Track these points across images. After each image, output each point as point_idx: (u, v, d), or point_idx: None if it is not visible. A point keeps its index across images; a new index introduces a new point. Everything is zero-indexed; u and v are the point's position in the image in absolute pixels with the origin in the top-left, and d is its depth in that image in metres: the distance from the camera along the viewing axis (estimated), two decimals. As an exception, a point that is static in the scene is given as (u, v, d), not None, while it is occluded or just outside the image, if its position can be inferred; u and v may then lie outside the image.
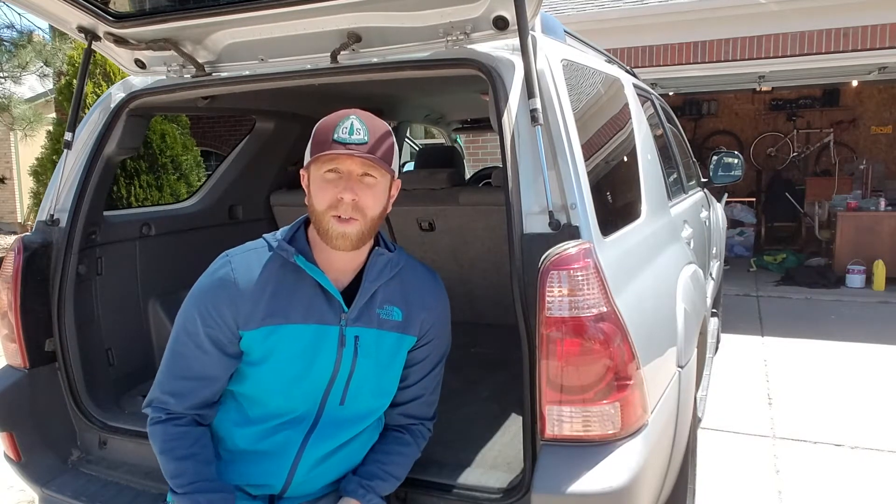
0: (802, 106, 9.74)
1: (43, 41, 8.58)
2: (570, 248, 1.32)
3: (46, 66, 8.43)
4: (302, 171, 1.39)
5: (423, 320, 1.47)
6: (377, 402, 1.47)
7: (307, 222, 1.43)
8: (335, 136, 1.29)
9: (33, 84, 10.08)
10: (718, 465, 2.94)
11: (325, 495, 1.46)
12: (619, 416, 1.32)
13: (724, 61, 6.41)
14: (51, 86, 9.23)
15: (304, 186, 1.38)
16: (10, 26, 8.75)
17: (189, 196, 3.09)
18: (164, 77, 1.97)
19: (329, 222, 1.31)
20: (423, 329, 1.47)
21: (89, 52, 1.95)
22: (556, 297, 1.29)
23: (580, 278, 1.29)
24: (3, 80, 8.41)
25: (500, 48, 1.59)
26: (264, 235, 1.43)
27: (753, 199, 9.61)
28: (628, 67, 3.22)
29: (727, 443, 3.18)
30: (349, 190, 1.29)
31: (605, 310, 1.30)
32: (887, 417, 3.42)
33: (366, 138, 1.30)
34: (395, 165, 1.38)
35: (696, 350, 2.00)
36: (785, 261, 7.74)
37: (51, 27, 8.38)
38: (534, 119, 1.42)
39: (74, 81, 5.40)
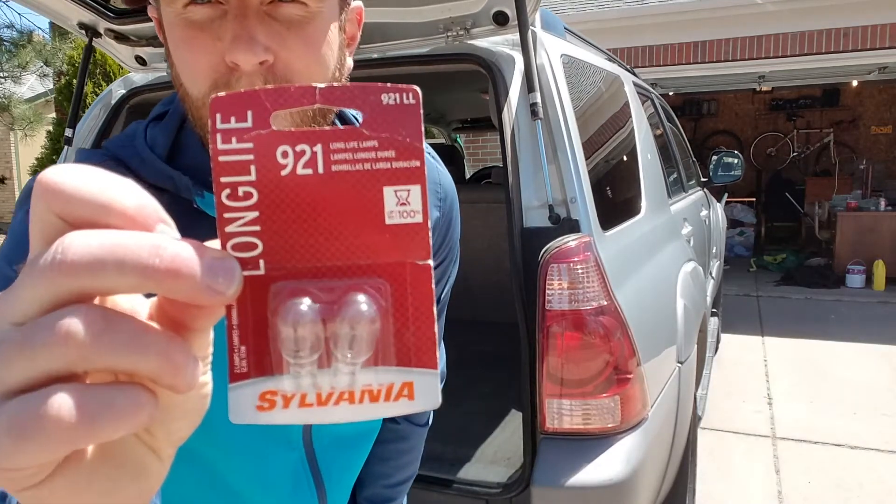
0: (802, 106, 9.74)
1: (43, 41, 8.57)
2: (570, 241, 1.32)
3: (46, 66, 8.42)
4: (153, 16, 0.62)
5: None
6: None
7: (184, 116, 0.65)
8: None
9: (33, 84, 10.09)
10: (718, 465, 2.94)
11: None
12: (619, 410, 1.32)
13: (724, 61, 6.42)
14: (51, 86, 9.23)
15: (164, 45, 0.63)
16: (10, 26, 8.73)
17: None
18: (165, 73, 1.97)
19: None
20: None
21: (90, 49, 1.95)
22: (556, 291, 1.29)
23: (580, 271, 1.29)
24: (3, 80, 8.40)
25: (500, 43, 1.60)
26: (105, 143, 0.66)
27: (753, 199, 9.61)
28: (628, 66, 3.23)
29: (727, 443, 3.18)
30: (246, 43, 0.53)
31: (605, 303, 1.30)
32: (887, 417, 3.42)
33: None
34: None
35: (695, 347, 2.00)
36: (785, 261, 7.74)
37: (51, 27, 8.40)
38: (534, 113, 1.42)
39: (74, 81, 5.40)
